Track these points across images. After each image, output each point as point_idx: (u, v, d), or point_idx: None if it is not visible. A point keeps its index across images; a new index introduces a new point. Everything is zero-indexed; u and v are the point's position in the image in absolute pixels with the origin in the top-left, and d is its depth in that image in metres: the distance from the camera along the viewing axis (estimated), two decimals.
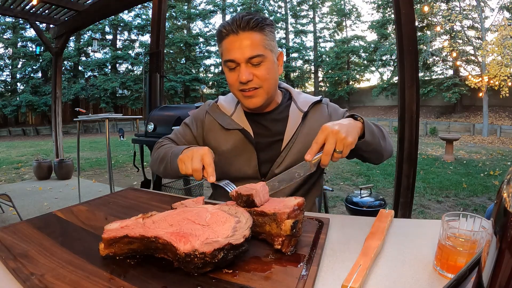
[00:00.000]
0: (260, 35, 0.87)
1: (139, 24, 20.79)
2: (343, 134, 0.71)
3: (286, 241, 0.56)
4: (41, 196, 3.94)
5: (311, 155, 0.73)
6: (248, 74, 0.87)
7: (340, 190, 4.46)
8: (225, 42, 0.88)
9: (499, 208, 0.28)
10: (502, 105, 14.46)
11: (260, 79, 0.89)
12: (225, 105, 1.03)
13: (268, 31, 0.89)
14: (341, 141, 0.71)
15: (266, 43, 0.88)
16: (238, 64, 0.88)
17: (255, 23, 0.86)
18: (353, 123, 0.78)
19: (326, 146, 0.72)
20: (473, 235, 0.48)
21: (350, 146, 0.73)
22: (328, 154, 0.72)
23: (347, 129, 0.73)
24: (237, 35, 0.86)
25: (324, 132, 0.72)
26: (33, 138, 15.00)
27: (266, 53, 0.88)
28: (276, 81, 0.95)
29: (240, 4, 22.76)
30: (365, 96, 22.37)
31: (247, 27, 0.85)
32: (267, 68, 0.89)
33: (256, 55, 0.86)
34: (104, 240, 0.53)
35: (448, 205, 3.82)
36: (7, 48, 17.85)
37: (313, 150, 0.73)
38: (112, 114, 3.33)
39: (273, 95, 0.98)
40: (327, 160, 0.73)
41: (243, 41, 0.86)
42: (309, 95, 1.06)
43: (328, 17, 24.67)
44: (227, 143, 0.97)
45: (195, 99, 20.88)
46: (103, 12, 4.41)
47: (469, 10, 15.45)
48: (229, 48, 0.87)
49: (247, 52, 0.85)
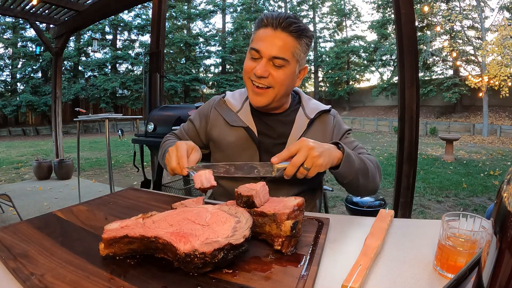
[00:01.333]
0: (294, 41, 0.86)
1: (139, 24, 20.80)
2: (316, 153, 0.71)
3: (286, 241, 0.56)
4: (41, 196, 3.94)
5: (279, 159, 0.73)
6: (264, 71, 0.86)
7: (340, 190, 4.46)
8: (261, 31, 0.88)
9: (499, 208, 0.28)
10: (502, 105, 14.47)
11: (275, 81, 0.88)
12: (232, 101, 1.02)
13: (304, 42, 0.89)
14: (311, 159, 0.71)
15: (296, 51, 0.87)
16: (260, 57, 0.87)
17: (295, 29, 0.85)
18: (333, 150, 0.78)
19: (295, 157, 0.72)
20: (473, 235, 0.48)
21: (319, 167, 0.73)
22: (294, 165, 0.72)
23: (323, 151, 0.73)
24: (274, 30, 0.86)
25: (299, 144, 0.73)
26: (33, 138, 14.99)
27: (292, 60, 0.87)
28: (289, 90, 0.95)
29: (240, 4, 22.77)
30: (365, 96, 22.37)
31: (287, 29, 0.85)
32: (285, 73, 0.88)
33: (281, 57, 0.85)
34: (104, 240, 0.53)
35: (448, 205, 3.82)
36: (7, 48, 17.85)
37: (282, 156, 0.73)
38: (112, 114, 3.33)
39: (282, 101, 0.97)
40: (291, 172, 0.73)
41: (276, 39, 0.85)
42: (319, 103, 1.05)
43: (328, 17, 24.69)
44: (230, 139, 0.98)
45: (195, 99, 20.89)
46: (103, 12, 4.41)
47: (469, 10, 15.46)
48: (261, 38, 0.87)
49: (274, 51, 0.85)
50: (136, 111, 19.58)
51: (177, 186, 2.62)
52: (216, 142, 1.00)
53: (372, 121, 17.75)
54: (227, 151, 0.98)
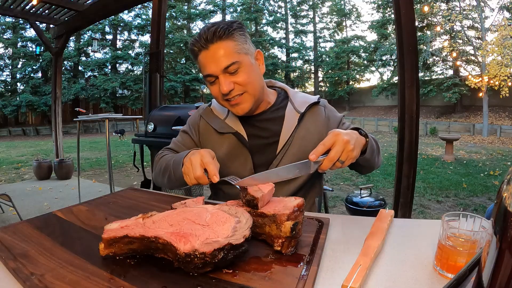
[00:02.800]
0: (230, 42, 0.85)
1: (139, 24, 20.80)
2: (351, 146, 0.71)
3: (286, 242, 0.56)
4: (41, 196, 3.94)
5: (316, 155, 0.71)
6: (228, 84, 0.85)
7: (340, 190, 4.46)
8: (200, 58, 0.87)
9: (499, 208, 0.28)
10: (502, 105, 14.47)
11: (242, 85, 0.87)
12: (218, 108, 1.01)
13: (238, 35, 0.87)
14: (347, 152, 0.71)
15: (239, 48, 0.86)
16: (216, 77, 0.87)
17: (221, 32, 0.84)
18: (359, 138, 0.78)
19: (332, 152, 0.70)
20: (473, 235, 0.48)
21: (353, 159, 0.73)
22: (332, 160, 0.71)
23: (355, 143, 0.73)
24: (207, 49, 0.85)
25: (334, 138, 0.71)
26: (33, 138, 15.00)
27: (241, 58, 0.86)
28: (260, 81, 0.93)
29: (240, 4, 22.78)
30: (365, 96, 22.38)
31: (214, 38, 0.84)
32: (246, 72, 0.87)
33: (231, 63, 0.84)
34: (104, 240, 0.53)
35: (448, 205, 3.82)
36: (7, 48, 17.86)
37: (319, 151, 0.71)
38: (112, 114, 3.33)
39: (261, 96, 0.95)
40: (328, 166, 0.72)
41: (215, 53, 0.84)
42: (307, 95, 1.04)
43: (328, 17, 24.70)
44: (222, 147, 0.96)
45: (195, 99, 20.89)
46: (103, 12, 4.41)
47: (469, 10, 15.46)
48: (204, 64, 0.87)
49: (221, 63, 0.84)
50: (136, 111, 19.58)
51: None
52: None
53: (372, 121, 17.75)
54: (219, 159, 0.96)
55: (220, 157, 0.96)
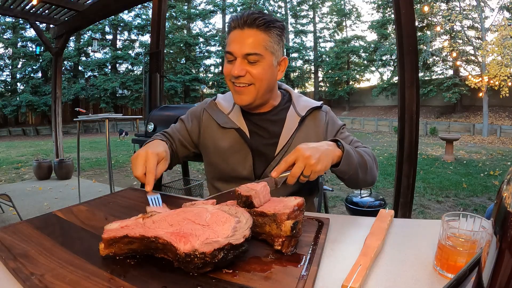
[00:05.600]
0: (264, 35, 0.87)
1: (139, 24, 20.80)
2: (313, 160, 0.72)
3: (286, 241, 0.56)
4: (41, 196, 3.94)
5: (278, 172, 0.74)
6: (240, 70, 0.87)
7: (340, 190, 4.46)
8: (231, 34, 0.90)
9: (499, 208, 0.28)
10: (502, 105, 14.47)
11: (253, 77, 0.89)
12: (223, 103, 1.03)
13: (275, 33, 0.89)
14: (309, 167, 0.73)
15: (269, 44, 0.88)
16: (235, 58, 0.88)
17: (261, 22, 0.86)
18: (331, 150, 0.79)
19: (294, 168, 0.73)
20: (473, 235, 0.48)
21: (318, 173, 0.74)
22: (294, 176, 0.73)
23: (320, 156, 0.74)
24: (242, 30, 0.87)
25: (295, 154, 0.73)
26: (33, 138, 14.99)
27: (266, 54, 0.88)
28: (271, 83, 0.94)
29: (240, 4, 22.76)
30: (365, 96, 22.38)
31: (253, 25, 0.86)
32: (263, 68, 0.88)
33: (253, 53, 0.86)
34: (104, 240, 0.53)
35: (448, 205, 3.82)
36: (7, 48, 17.85)
37: (280, 169, 0.74)
38: (112, 114, 3.34)
39: (266, 97, 0.96)
40: (293, 181, 0.74)
41: (245, 37, 0.86)
42: (310, 99, 1.05)
43: (328, 17, 24.69)
44: (223, 141, 0.97)
45: (195, 99, 20.89)
46: (103, 12, 4.41)
47: (469, 10, 15.46)
48: (231, 41, 0.89)
49: (245, 48, 0.86)
50: (136, 111, 19.58)
51: (177, 186, 2.62)
52: (209, 145, 0.99)
53: (372, 121, 17.75)
54: (220, 154, 0.97)
55: (221, 150, 0.98)
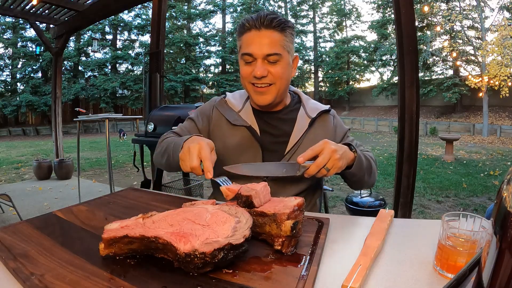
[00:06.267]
0: (280, 35, 0.89)
1: (139, 24, 20.77)
2: (338, 155, 0.76)
3: (286, 241, 0.56)
4: (41, 196, 3.94)
5: (304, 159, 0.76)
6: (263, 70, 0.89)
7: (340, 190, 4.46)
8: (246, 35, 0.91)
9: (499, 208, 0.28)
10: (502, 105, 14.46)
11: (274, 77, 0.91)
12: (233, 101, 1.04)
13: (289, 33, 0.92)
14: (333, 161, 0.76)
15: (285, 44, 0.90)
16: (254, 59, 0.90)
17: (277, 23, 0.88)
18: (348, 153, 0.84)
19: (319, 158, 0.76)
20: (473, 235, 0.48)
21: (337, 169, 0.78)
22: (318, 166, 0.76)
23: (342, 154, 0.79)
24: (259, 31, 0.89)
25: (323, 145, 0.77)
26: (33, 138, 14.98)
27: (283, 53, 0.90)
28: (288, 81, 0.98)
29: (240, 4, 22.76)
30: (365, 96, 22.37)
31: (270, 26, 0.88)
32: (282, 67, 0.91)
33: (274, 53, 0.88)
34: (104, 240, 0.53)
35: (448, 205, 3.82)
36: (7, 48, 17.83)
37: (307, 155, 0.76)
38: (112, 114, 3.33)
39: (283, 95, 0.99)
40: (314, 171, 0.76)
41: (263, 38, 0.88)
42: (318, 103, 1.08)
43: (328, 17, 24.67)
44: (233, 139, 0.98)
45: (195, 99, 20.87)
46: (103, 12, 4.41)
47: (469, 10, 15.45)
48: (249, 42, 0.90)
49: (265, 49, 0.88)
50: (136, 111, 19.56)
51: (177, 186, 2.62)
52: (219, 142, 1.00)
53: (372, 121, 17.75)
54: (229, 151, 0.98)
55: (231, 147, 0.99)
